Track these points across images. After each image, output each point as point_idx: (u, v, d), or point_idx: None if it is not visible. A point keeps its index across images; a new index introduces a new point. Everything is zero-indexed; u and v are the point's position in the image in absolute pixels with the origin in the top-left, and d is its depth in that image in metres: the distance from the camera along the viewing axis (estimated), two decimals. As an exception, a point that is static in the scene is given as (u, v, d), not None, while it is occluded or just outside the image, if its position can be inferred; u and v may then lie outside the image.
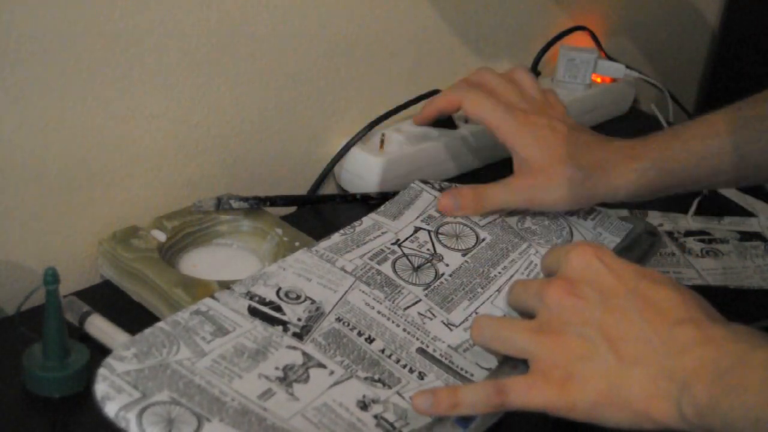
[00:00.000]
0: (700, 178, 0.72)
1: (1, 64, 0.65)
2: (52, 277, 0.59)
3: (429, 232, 0.71)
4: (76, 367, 0.61)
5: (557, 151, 0.72)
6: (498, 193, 0.74)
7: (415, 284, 0.66)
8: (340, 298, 0.63)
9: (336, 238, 0.68)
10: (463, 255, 0.70)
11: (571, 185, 0.71)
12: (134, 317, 0.58)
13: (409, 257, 0.68)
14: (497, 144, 0.76)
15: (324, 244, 0.67)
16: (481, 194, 0.74)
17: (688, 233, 0.88)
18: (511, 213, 0.76)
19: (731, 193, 0.96)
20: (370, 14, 0.88)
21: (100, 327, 0.65)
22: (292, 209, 0.86)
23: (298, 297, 0.62)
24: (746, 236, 0.89)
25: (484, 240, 0.72)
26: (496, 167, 0.99)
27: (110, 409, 0.50)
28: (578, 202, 0.73)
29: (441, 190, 0.76)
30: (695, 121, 0.73)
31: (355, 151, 0.88)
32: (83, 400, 0.60)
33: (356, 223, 0.70)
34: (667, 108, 1.14)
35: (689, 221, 0.91)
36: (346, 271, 0.65)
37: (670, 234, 0.88)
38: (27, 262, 0.71)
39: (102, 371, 0.51)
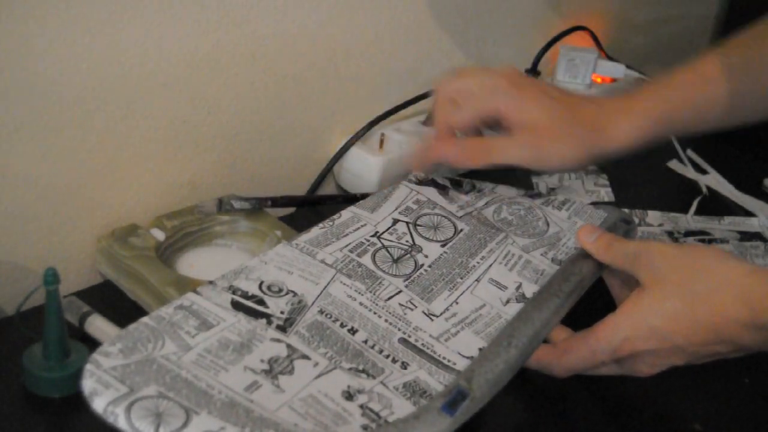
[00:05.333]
0: (694, 124, 0.75)
1: (0, 65, 0.65)
2: (52, 277, 0.59)
3: (407, 224, 0.72)
4: (76, 367, 0.61)
5: (557, 112, 0.72)
6: (506, 147, 0.72)
7: (395, 275, 0.67)
8: (322, 291, 0.63)
9: (315, 231, 0.69)
10: (442, 246, 0.71)
11: (575, 143, 0.71)
12: (134, 317, 0.58)
13: (389, 249, 0.69)
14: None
15: (304, 237, 0.68)
16: (489, 145, 0.73)
17: (689, 233, 0.88)
18: (488, 204, 0.77)
19: (731, 193, 0.96)
20: (370, 14, 0.88)
21: (100, 327, 0.66)
22: (291, 210, 0.86)
23: (280, 290, 0.62)
24: (746, 236, 0.89)
25: (461, 231, 0.73)
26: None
27: (98, 405, 0.50)
28: (581, 159, 0.73)
29: (418, 183, 0.77)
30: (685, 69, 0.75)
31: (355, 151, 0.88)
32: (83, 400, 0.60)
33: (335, 216, 0.71)
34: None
35: (689, 221, 0.91)
36: (326, 264, 0.66)
37: (670, 234, 0.88)
38: (27, 262, 0.71)
39: (89, 367, 0.52)
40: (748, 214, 0.93)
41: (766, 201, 0.95)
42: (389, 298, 0.65)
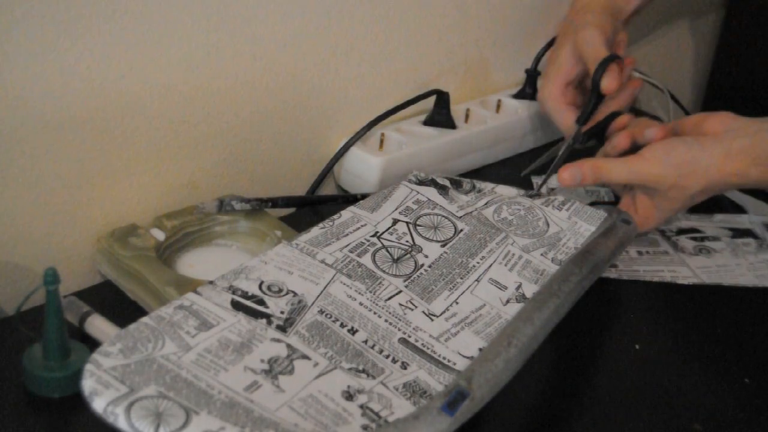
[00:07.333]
0: None
1: (0, 65, 0.65)
2: (52, 277, 0.59)
3: (407, 224, 0.72)
4: (76, 367, 0.61)
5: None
6: (618, 169, 0.79)
7: (395, 276, 0.67)
8: (322, 291, 0.64)
9: (315, 231, 0.69)
10: (442, 246, 0.71)
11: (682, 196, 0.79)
12: (134, 317, 0.59)
13: (389, 249, 0.69)
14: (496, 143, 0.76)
15: (304, 237, 0.68)
16: (601, 167, 0.79)
17: (680, 231, 0.88)
18: (488, 204, 0.78)
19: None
20: (370, 14, 0.88)
21: (100, 327, 0.66)
22: (291, 210, 0.86)
23: (280, 290, 0.62)
24: (738, 233, 0.89)
25: (462, 231, 0.73)
26: (496, 167, 0.99)
27: (98, 405, 0.50)
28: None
29: (419, 183, 0.77)
30: None
31: (355, 151, 0.88)
32: (83, 400, 0.60)
33: (335, 216, 0.71)
34: (668, 108, 1.14)
35: (680, 218, 0.90)
36: (326, 264, 0.66)
37: (662, 232, 0.88)
38: (27, 262, 0.71)
39: (89, 367, 0.52)
40: (739, 210, 0.93)
41: (755, 197, 0.95)
42: (389, 298, 0.65)
